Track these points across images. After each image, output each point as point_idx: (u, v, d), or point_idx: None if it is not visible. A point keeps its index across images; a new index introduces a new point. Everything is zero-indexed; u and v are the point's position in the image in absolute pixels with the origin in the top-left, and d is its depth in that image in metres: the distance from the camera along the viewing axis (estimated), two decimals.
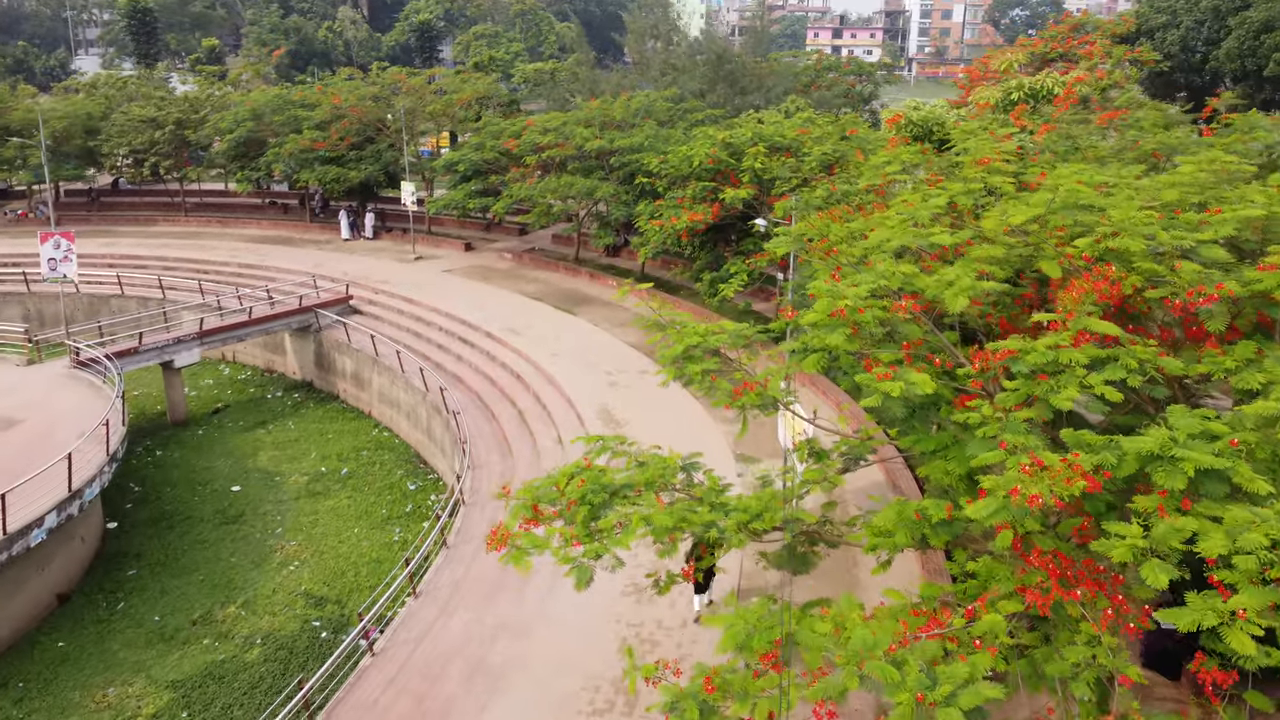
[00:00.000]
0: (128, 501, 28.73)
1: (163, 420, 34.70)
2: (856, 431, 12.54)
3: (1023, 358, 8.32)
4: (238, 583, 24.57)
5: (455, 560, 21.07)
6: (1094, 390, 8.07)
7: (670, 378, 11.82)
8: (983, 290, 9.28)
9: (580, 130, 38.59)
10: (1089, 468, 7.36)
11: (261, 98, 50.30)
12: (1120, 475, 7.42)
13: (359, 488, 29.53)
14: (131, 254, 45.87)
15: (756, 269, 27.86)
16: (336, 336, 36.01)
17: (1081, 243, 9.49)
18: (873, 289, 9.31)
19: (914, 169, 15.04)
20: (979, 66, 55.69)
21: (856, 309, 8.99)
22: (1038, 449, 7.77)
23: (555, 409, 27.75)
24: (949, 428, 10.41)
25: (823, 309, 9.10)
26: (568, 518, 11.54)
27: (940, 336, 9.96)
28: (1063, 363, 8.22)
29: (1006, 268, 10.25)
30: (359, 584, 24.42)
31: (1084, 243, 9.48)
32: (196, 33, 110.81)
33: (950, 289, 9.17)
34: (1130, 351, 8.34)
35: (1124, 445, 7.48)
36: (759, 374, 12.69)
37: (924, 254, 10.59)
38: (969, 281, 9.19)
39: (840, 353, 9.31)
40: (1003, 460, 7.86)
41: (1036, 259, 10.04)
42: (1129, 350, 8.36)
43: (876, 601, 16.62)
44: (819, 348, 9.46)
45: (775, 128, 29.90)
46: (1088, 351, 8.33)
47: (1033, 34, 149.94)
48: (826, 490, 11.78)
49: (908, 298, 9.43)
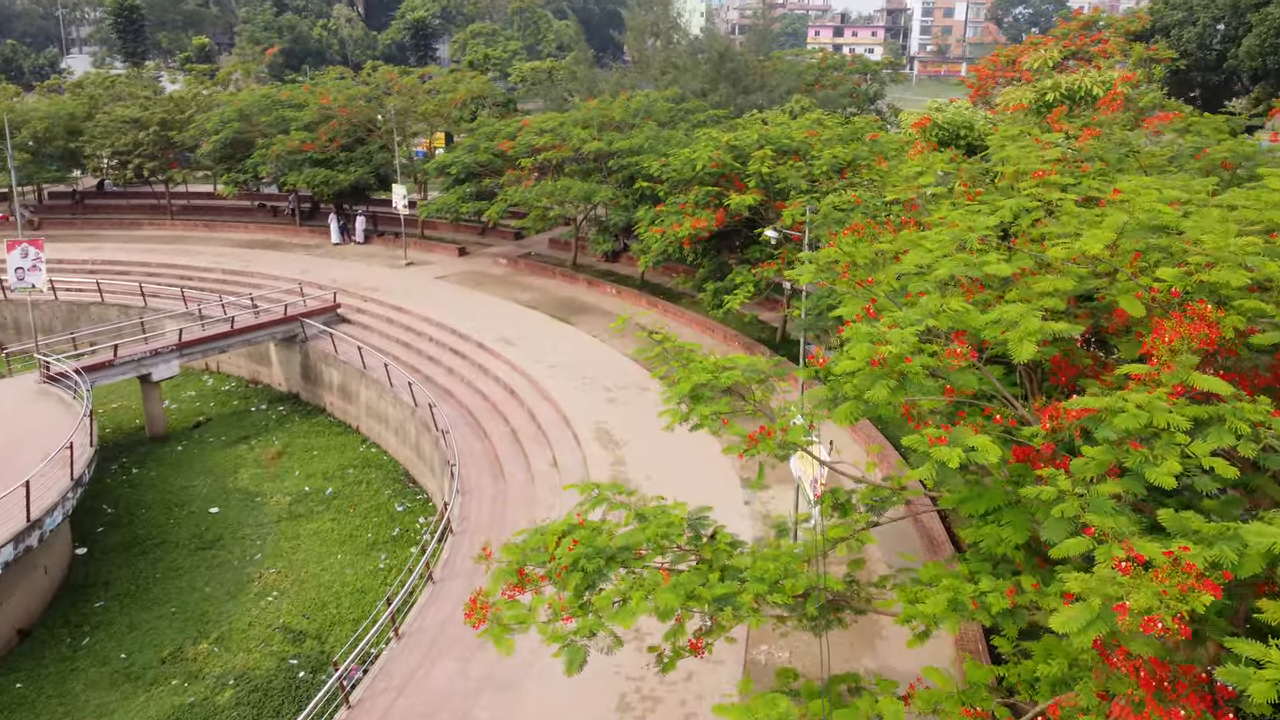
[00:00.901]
0: (99, 525, 27.20)
1: (141, 435, 33.15)
2: (886, 479, 11.02)
3: (1109, 419, 6.83)
4: (211, 615, 23.05)
5: (441, 597, 19.58)
6: (1199, 461, 6.60)
7: (675, 421, 10.30)
8: (1052, 333, 7.79)
9: (578, 131, 37.07)
10: (1203, 566, 5.87)
11: (249, 98, 48.75)
12: (1241, 575, 5.94)
13: (344, 509, 27.99)
14: (114, 259, 44.34)
15: (763, 278, 26.33)
16: (323, 347, 34.50)
17: (1167, 274, 7.99)
18: (919, 330, 7.80)
19: (947, 179, 13.51)
20: (987, 65, 54.26)
21: (901, 357, 7.50)
22: (1133, 537, 6.27)
23: (550, 428, 26.24)
24: (999, 483, 8.91)
25: (861, 356, 7.59)
26: (558, 584, 10.03)
27: (996, 383, 8.46)
28: (1159, 426, 6.74)
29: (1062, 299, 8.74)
30: (341, 616, 22.91)
31: (1170, 274, 7.98)
32: (189, 31, 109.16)
33: (1014, 332, 7.67)
34: (1239, 411, 6.85)
35: (1246, 536, 5.99)
36: (776, 410, 11.19)
37: (971, 283, 9.09)
38: (1035, 323, 7.68)
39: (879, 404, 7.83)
40: (1088, 550, 6.37)
41: (1107, 292, 8.56)
42: (1236, 409, 6.87)
43: (904, 662, 15.15)
44: (853, 396, 7.97)
45: (782, 129, 28.37)
46: (1186, 411, 6.85)
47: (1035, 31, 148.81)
48: (854, 549, 10.27)
49: (961, 341, 7.93)
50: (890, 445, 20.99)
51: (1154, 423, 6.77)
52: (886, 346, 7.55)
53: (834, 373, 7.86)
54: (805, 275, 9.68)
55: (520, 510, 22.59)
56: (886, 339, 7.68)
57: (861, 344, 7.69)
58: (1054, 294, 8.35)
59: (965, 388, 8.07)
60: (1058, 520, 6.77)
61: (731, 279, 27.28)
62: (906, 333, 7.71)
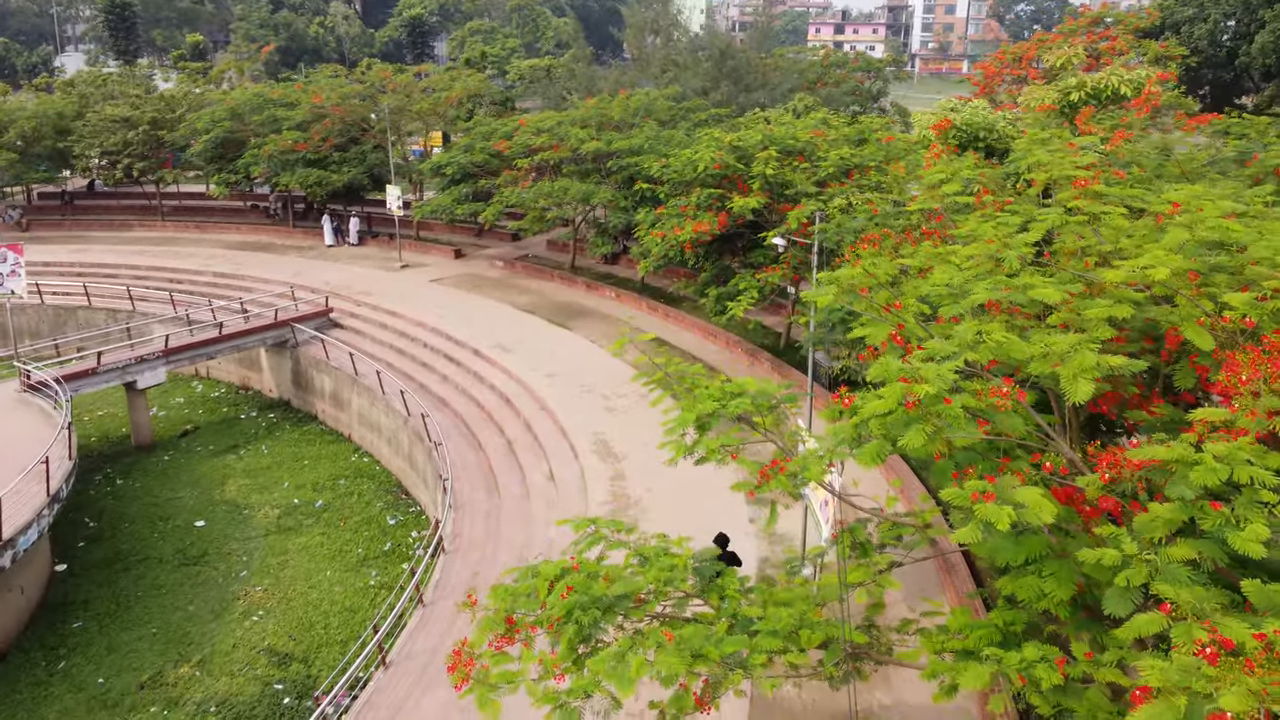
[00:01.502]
0: (80, 539, 26.30)
1: (127, 444, 32.23)
2: (910, 515, 10.11)
3: (1183, 474, 5.93)
4: (194, 637, 22.14)
5: (432, 620, 18.68)
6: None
7: (679, 455, 9.39)
8: (1109, 368, 6.85)
9: (576, 131, 36.11)
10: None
11: (240, 96, 47.78)
12: None
13: (334, 523, 27.08)
14: (102, 262, 43.40)
15: (767, 283, 25.39)
16: (314, 353, 33.56)
17: (1237, 300, 7.06)
18: (957, 364, 6.85)
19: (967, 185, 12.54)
20: (994, 62, 53.32)
21: (940, 397, 6.56)
22: (1215, 615, 5.36)
23: (547, 439, 25.32)
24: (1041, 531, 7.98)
25: (893, 396, 6.65)
26: (551, 636, 9.11)
27: (1044, 425, 7.52)
28: (1240, 481, 5.83)
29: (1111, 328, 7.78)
30: (329, 637, 22.00)
31: (1240, 300, 7.05)
32: (184, 28, 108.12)
33: (1067, 367, 6.73)
34: None
35: None
36: (788, 434, 10.28)
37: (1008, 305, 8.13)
38: (1090, 357, 6.74)
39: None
40: (1164, 627, 5.46)
41: (1166, 319, 7.61)
42: None
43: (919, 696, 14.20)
44: (879, 435, 7.05)
45: (787, 129, 27.41)
46: (1269, 461, 5.93)
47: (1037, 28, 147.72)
48: (875, 595, 9.35)
49: (1008, 379, 6.99)
50: (913, 475, 20.00)
51: (1235, 478, 5.86)
52: (923, 386, 6.63)
53: (863, 415, 6.93)
54: (826, 298, 8.76)
55: (515, 527, 21.68)
56: (921, 375, 6.76)
57: (894, 384, 6.76)
58: (1112, 322, 7.41)
59: (1011, 432, 7.16)
60: (1121, 590, 5.86)
61: (735, 284, 26.34)
62: (944, 369, 6.78)
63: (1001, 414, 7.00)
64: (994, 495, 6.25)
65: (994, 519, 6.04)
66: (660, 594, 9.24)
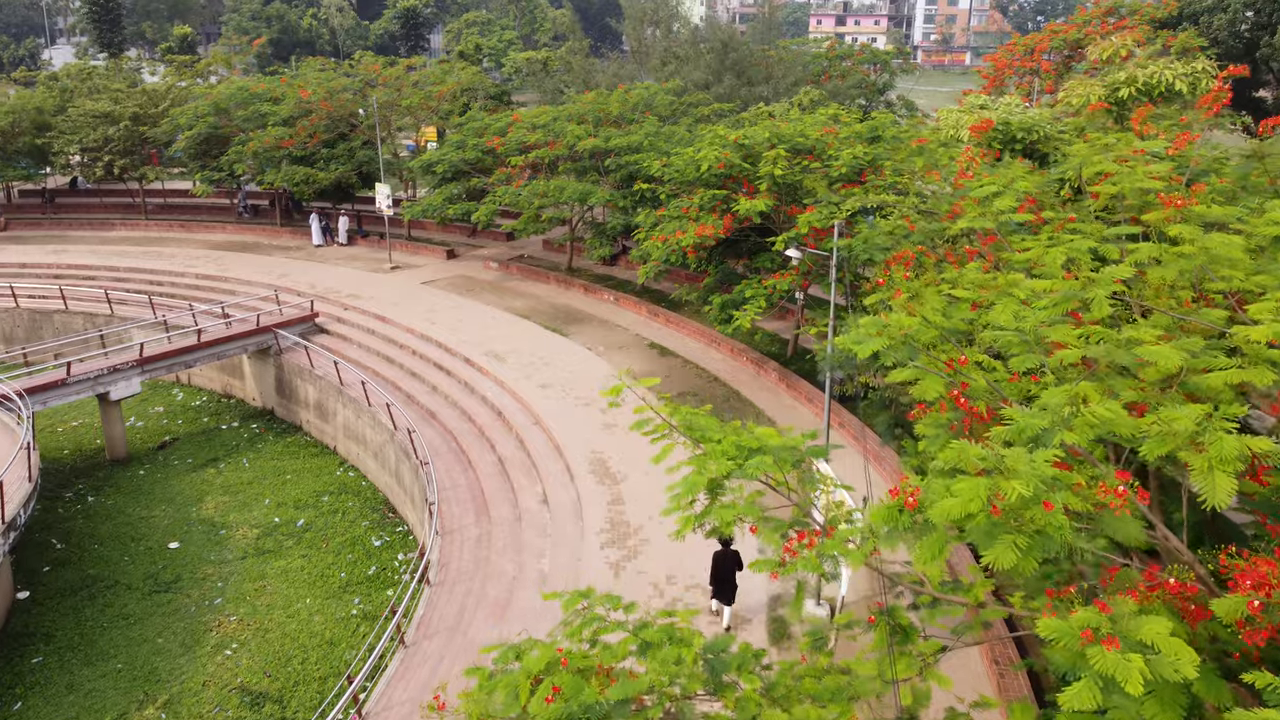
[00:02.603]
0: (46, 563, 24.78)
1: (101, 457, 30.70)
2: (956, 584, 8.57)
3: None
4: (162, 673, 20.63)
5: (415, 665, 17.17)
6: None
7: (687, 528, 7.86)
8: (1258, 455, 5.30)
9: (572, 128, 34.51)
10: None
11: (225, 90, 46.06)
12: None
13: (316, 544, 25.56)
14: (82, 263, 41.78)
15: (776, 290, 23.82)
16: (299, 361, 32.00)
17: None
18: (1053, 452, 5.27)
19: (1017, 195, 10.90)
20: (1004, 54, 51.58)
21: (1038, 500, 5.00)
22: None
23: (541, 457, 23.79)
24: None
25: (972, 496, 5.05)
26: None
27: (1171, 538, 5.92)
28: None
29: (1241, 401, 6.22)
30: (306, 674, 20.50)
31: None
32: (175, 20, 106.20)
33: (1202, 458, 5.15)
34: None
35: None
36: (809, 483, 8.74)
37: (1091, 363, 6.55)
38: (1233, 443, 5.17)
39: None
40: None
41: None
42: None
43: None
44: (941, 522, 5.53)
45: (795, 126, 25.80)
46: None
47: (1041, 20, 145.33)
48: (921, 693, 7.81)
49: (1122, 474, 5.43)
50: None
51: None
52: (1012, 485, 5.05)
53: (934, 518, 5.38)
54: (868, 348, 7.19)
55: (506, 557, 20.15)
56: (1008, 468, 5.18)
57: (973, 479, 5.18)
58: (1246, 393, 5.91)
59: (1127, 541, 5.64)
60: None
61: (740, 291, 24.79)
62: (1039, 461, 5.20)
63: (1117, 520, 5.47)
64: (1116, 640, 4.68)
65: (1119, 675, 4.49)
66: (665, 695, 7.71)
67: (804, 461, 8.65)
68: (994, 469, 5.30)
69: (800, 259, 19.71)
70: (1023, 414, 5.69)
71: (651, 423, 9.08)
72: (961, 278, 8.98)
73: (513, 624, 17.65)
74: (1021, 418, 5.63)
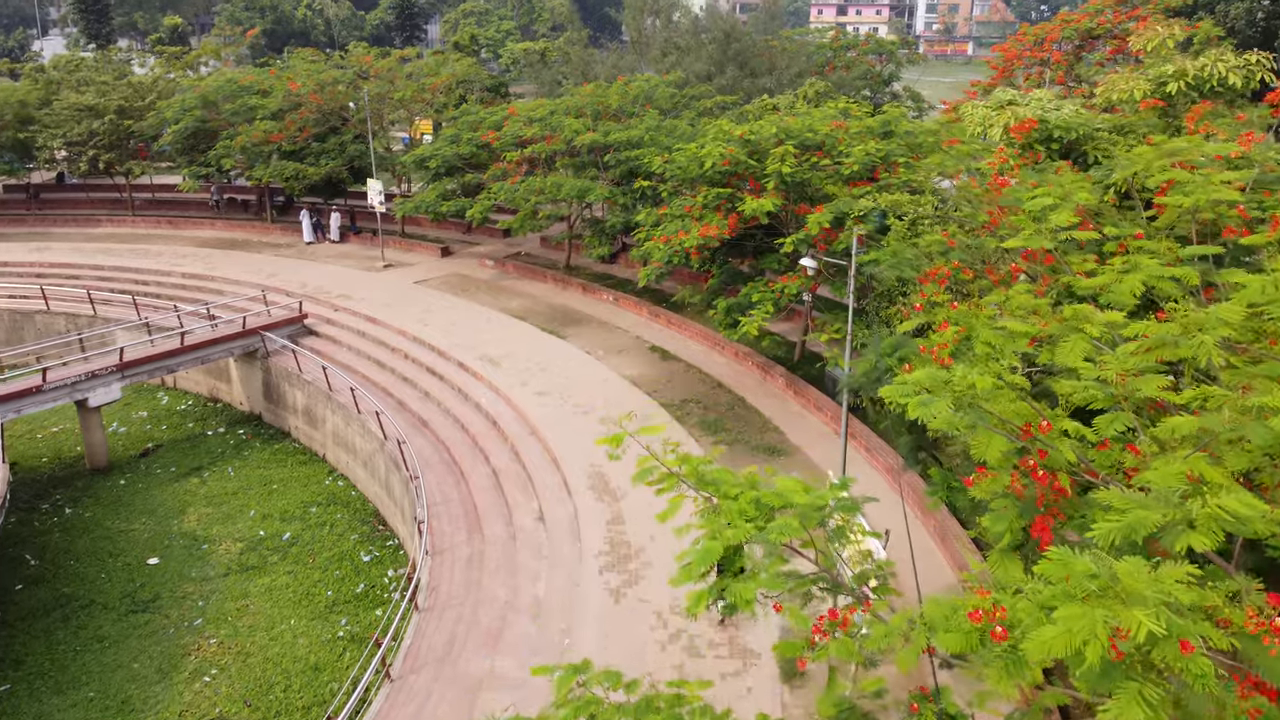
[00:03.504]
0: (19, 580, 23.69)
1: (80, 465, 29.55)
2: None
3: None
4: (136, 702, 19.54)
5: (401, 701, 16.06)
6: None
7: (701, 607, 6.71)
8: None
9: (570, 122, 33.25)
10: None
11: (212, 83, 44.75)
12: None
13: (302, 559, 24.43)
14: (65, 261, 40.59)
15: (784, 294, 22.63)
16: (287, 364, 30.82)
17: None
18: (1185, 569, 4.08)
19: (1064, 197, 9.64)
20: (1014, 44, 50.21)
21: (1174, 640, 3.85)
22: None
23: (537, 470, 22.63)
24: None
25: (1078, 627, 3.87)
26: None
27: None
28: None
29: None
30: (289, 703, 19.40)
31: None
32: (168, 11, 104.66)
33: None
34: None
35: None
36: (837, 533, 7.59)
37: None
38: None
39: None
40: None
41: None
42: None
43: None
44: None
45: (803, 120, 24.57)
46: None
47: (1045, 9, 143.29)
48: None
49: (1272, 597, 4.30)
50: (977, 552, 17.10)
51: None
52: (1135, 615, 3.86)
53: (1029, 653, 4.23)
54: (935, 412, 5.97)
55: (499, 580, 19.01)
56: (1127, 592, 4.00)
57: (1081, 609, 3.98)
58: None
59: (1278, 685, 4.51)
60: None
61: (746, 294, 23.59)
62: (1168, 580, 3.98)
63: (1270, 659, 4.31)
64: None
65: None
66: None
67: (832, 516, 7.49)
68: (1105, 589, 4.11)
69: (816, 268, 18.51)
70: (1124, 499, 4.52)
71: (656, 471, 7.94)
72: (1009, 302, 7.82)
73: (505, 656, 16.55)
74: (1125, 505, 4.46)
